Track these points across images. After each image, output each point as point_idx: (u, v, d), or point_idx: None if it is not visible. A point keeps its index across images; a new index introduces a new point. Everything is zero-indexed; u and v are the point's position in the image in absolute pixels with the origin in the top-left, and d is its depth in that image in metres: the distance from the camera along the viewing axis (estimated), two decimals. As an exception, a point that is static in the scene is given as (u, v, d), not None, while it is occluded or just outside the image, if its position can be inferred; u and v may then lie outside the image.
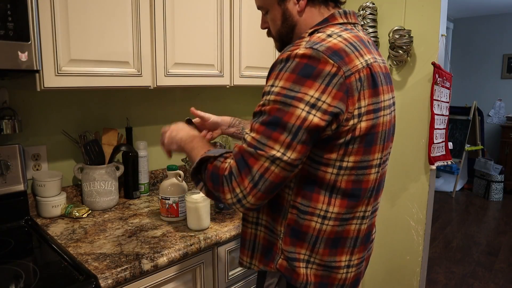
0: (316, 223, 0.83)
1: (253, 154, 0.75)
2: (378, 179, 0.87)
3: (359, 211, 0.85)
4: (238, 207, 0.79)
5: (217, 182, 0.80)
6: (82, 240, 1.16)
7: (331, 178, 0.80)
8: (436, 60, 1.83)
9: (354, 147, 0.79)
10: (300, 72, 0.74)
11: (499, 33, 5.52)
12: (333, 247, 0.85)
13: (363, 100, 0.77)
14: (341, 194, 0.82)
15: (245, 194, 0.77)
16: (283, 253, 0.86)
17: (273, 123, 0.75)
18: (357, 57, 0.78)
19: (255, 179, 0.75)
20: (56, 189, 1.36)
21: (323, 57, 0.74)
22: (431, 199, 2.00)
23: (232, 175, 0.78)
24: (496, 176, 4.77)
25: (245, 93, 2.19)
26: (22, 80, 1.20)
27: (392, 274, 2.12)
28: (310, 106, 0.73)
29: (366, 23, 1.95)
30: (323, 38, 0.78)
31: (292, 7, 0.87)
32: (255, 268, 0.93)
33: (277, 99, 0.75)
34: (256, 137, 0.76)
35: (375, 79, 0.80)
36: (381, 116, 0.82)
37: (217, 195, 0.82)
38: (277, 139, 0.74)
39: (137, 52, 1.29)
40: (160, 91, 1.76)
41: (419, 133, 1.93)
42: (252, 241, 0.93)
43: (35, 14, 1.00)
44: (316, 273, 0.86)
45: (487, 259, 3.22)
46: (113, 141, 1.49)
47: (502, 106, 5.59)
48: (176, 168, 1.34)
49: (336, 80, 0.74)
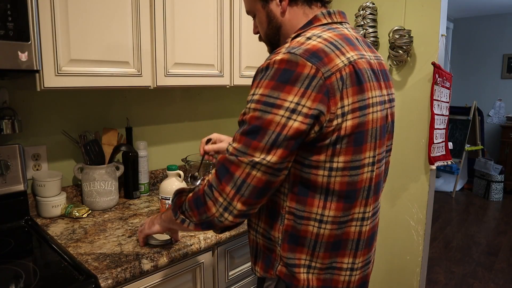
0: (314, 227, 0.82)
1: (233, 161, 0.76)
2: (374, 178, 0.85)
3: (356, 212, 0.84)
4: (227, 216, 0.78)
5: (200, 203, 0.80)
6: (82, 240, 1.16)
7: (324, 181, 0.80)
8: (436, 60, 1.83)
9: (342, 147, 0.78)
10: (278, 79, 0.74)
11: (499, 33, 5.52)
12: (333, 250, 0.84)
13: (346, 99, 0.76)
14: (336, 197, 0.81)
15: (229, 201, 0.76)
16: (282, 259, 0.86)
17: (252, 131, 0.75)
18: (337, 56, 0.77)
19: (237, 184, 0.75)
20: (56, 189, 1.36)
21: (301, 60, 0.74)
22: (431, 199, 2.00)
23: (211, 186, 0.78)
24: (496, 176, 4.77)
25: (245, 93, 2.19)
26: (22, 80, 1.20)
27: (392, 274, 2.12)
28: (290, 111, 0.73)
29: (366, 23, 1.95)
30: (302, 41, 0.78)
31: (275, 8, 0.88)
32: (258, 274, 0.93)
33: (256, 107, 0.75)
34: (237, 146, 0.76)
35: (359, 76, 0.79)
36: (369, 113, 0.80)
37: (204, 218, 0.81)
38: (256, 147, 0.74)
39: (137, 52, 1.29)
40: (160, 91, 1.76)
41: (419, 133, 1.93)
42: (254, 247, 0.94)
43: (35, 14, 1.00)
44: (318, 277, 0.85)
45: (487, 259, 3.22)
46: (113, 141, 1.49)
47: (502, 106, 5.59)
48: (176, 168, 1.34)
49: (315, 82, 0.73)
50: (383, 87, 0.86)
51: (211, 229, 0.86)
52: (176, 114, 1.85)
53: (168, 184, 1.32)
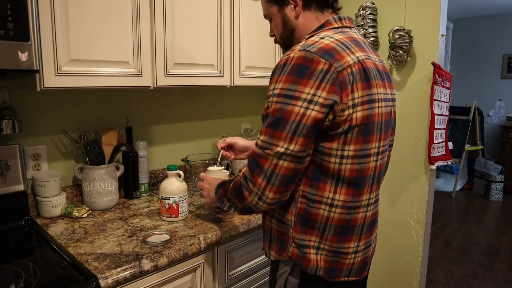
0: (324, 210, 0.90)
1: (262, 155, 0.85)
2: (377, 167, 0.93)
3: (364, 199, 0.92)
4: (261, 204, 0.88)
5: (239, 193, 0.92)
6: (82, 240, 1.16)
7: (335, 167, 0.87)
8: (436, 60, 1.83)
9: (352, 136, 0.86)
10: (296, 73, 0.83)
11: (499, 33, 5.52)
12: (341, 234, 0.92)
13: (356, 92, 0.85)
14: (346, 183, 0.89)
15: (262, 191, 0.86)
16: (294, 241, 0.93)
17: (275, 123, 0.83)
18: (348, 54, 0.85)
19: (267, 175, 0.84)
20: (56, 189, 1.36)
21: (316, 57, 0.82)
22: (431, 199, 2.00)
23: (246, 179, 0.88)
24: (496, 176, 4.77)
25: (245, 93, 2.19)
26: (22, 80, 1.20)
27: (392, 274, 2.12)
28: (307, 102, 0.81)
29: (366, 23, 1.95)
30: (316, 40, 0.86)
31: (290, 13, 0.97)
32: (271, 257, 1.00)
33: (278, 100, 0.84)
34: (264, 139, 0.85)
35: (367, 73, 0.87)
36: (375, 107, 0.89)
37: (244, 205, 0.92)
38: (280, 137, 0.83)
39: (137, 52, 1.29)
40: (160, 91, 1.76)
41: (419, 133, 1.93)
42: (268, 232, 1.01)
43: (35, 14, 1.00)
44: (326, 259, 0.92)
45: (487, 259, 3.22)
46: (113, 141, 1.49)
47: (502, 106, 5.59)
48: (176, 168, 1.34)
49: (329, 76, 0.81)
50: (386, 86, 0.95)
51: (252, 213, 1.01)
52: (176, 114, 1.85)
53: (168, 184, 1.32)
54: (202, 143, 1.99)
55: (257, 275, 1.44)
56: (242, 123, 2.20)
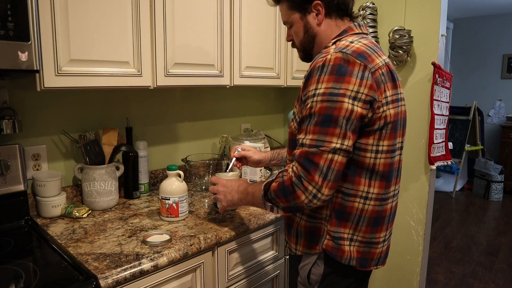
0: (359, 203, 0.95)
1: (316, 152, 0.87)
2: (400, 161, 1.02)
3: (391, 190, 0.99)
4: (315, 202, 0.89)
5: (288, 192, 0.91)
6: (82, 240, 1.16)
7: (370, 162, 0.93)
8: (436, 60, 1.83)
9: (386, 132, 0.92)
10: (337, 73, 0.87)
11: (499, 33, 5.52)
12: (374, 225, 0.98)
13: (387, 91, 0.92)
14: (379, 176, 0.95)
15: (318, 188, 0.87)
16: (329, 233, 0.98)
17: (325, 120, 0.87)
18: (377, 57, 0.92)
19: (323, 171, 0.86)
20: (56, 189, 1.36)
21: (352, 58, 0.88)
22: (431, 199, 2.00)
23: (300, 177, 0.88)
24: (496, 176, 4.77)
25: (245, 93, 2.19)
26: (22, 80, 1.20)
27: (392, 274, 2.12)
28: (352, 98, 0.86)
29: (366, 23, 1.95)
30: (347, 44, 0.92)
31: (312, 20, 1.02)
32: (299, 252, 1.05)
33: (324, 98, 0.87)
34: (314, 137, 0.88)
35: (393, 74, 0.95)
36: (400, 105, 0.96)
37: (292, 204, 0.92)
38: (333, 133, 0.86)
39: (137, 52, 1.29)
40: (160, 91, 1.76)
41: (419, 133, 1.93)
42: (295, 228, 1.05)
43: (35, 14, 1.00)
44: (358, 249, 0.98)
45: (487, 259, 3.22)
46: (113, 141, 1.49)
47: (502, 106, 5.59)
48: (176, 168, 1.34)
49: (366, 74, 0.88)
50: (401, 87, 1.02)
51: (298, 212, 1.03)
52: (176, 114, 1.85)
53: (168, 184, 1.32)
54: (202, 143, 1.99)
55: (257, 275, 1.44)
56: (242, 123, 2.20)
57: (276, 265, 1.52)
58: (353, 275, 1.02)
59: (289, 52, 1.90)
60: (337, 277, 1.01)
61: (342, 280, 1.01)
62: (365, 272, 1.04)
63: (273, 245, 1.52)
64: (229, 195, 1.14)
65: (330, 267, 1.00)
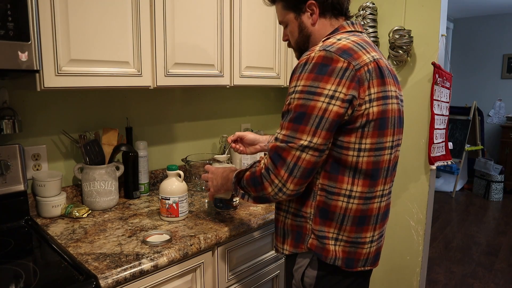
0: (343, 202, 0.94)
1: (285, 148, 0.88)
2: (391, 160, 0.99)
3: (378, 190, 0.97)
4: (281, 195, 0.91)
5: (257, 183, 0.95)
6: (82, 240, 1.16)
7: (353, 160, 0.92)
8: (436, 60, 1.83)
9: (369, 130, 0.91)
10: (317, 71, 0.87)
11: (499, 33, 5.52)
12: (359, 225, 0.96)
13: (372, 88, 0.90)
14: (363, 174, 0.93)
15: (283, 183, 0.89)
16: (313, 232, 0.97)
17: (298, 117, 0.88)
18: (364, 54, 0.91)
19: (290, 167, 0.88)
20: (56, 189, 1.36)
21: (335, 56, 0.88)
22: (431, 199, 2.00)
23: (268, 170, 0.91)
24: (496, 176, 4.77)
25: (245, 93, 2.19)
26: (22, 80, 1.20)
27: (392, 274, 2.12)
28: (329, 97, 0.86)
29: (366, 23, 1.95)
30: (334, 41, 0.92)
31: (307, 20, 1.03)
32: (286, 252, 1.04)
33: (300, 96, 0.88)
34: (286, 133, 0.89)
35: (381, 71, 0.93)
36: (389, 103, 0.94)
37: (261, 194, 0.95)
38: (303, 130, 0.87)
39: (137, 52, 1.29)
40: (160, 91, 1.76)
41: (419, 133, 1.93)
42: (282, 228, 1.05)
43: (35, 14, 1.00)
44: (344, 249, 0.97)
45: (487, 259, 3.22)
46: (113, 141, 1.49)
47: (502, 106, 5.59)
48: (176, 168, 1.34)
49: (348, 73, 0.87)
50: (396, 86, 1.01)
51: (266, 203, 1.03)
52: (176, 114, 1.85)
53: (168, 184, 1.32)
54: (202, 143, 1.99)
55: (257, 275, 1.44)
56: (242, 123, 2.20)
57: (276, 265, 1.52)
58: (351, 276, 1.00)
59: (289, 52, 1.90)
60: (333, 279, 0.99)
61: (338, 283, 0.99)
62: (363, 273, 1.03)
63: (273, 245, 1.52)
64: (215, 181, 1.17)
65: (323, 269, 0.99)
